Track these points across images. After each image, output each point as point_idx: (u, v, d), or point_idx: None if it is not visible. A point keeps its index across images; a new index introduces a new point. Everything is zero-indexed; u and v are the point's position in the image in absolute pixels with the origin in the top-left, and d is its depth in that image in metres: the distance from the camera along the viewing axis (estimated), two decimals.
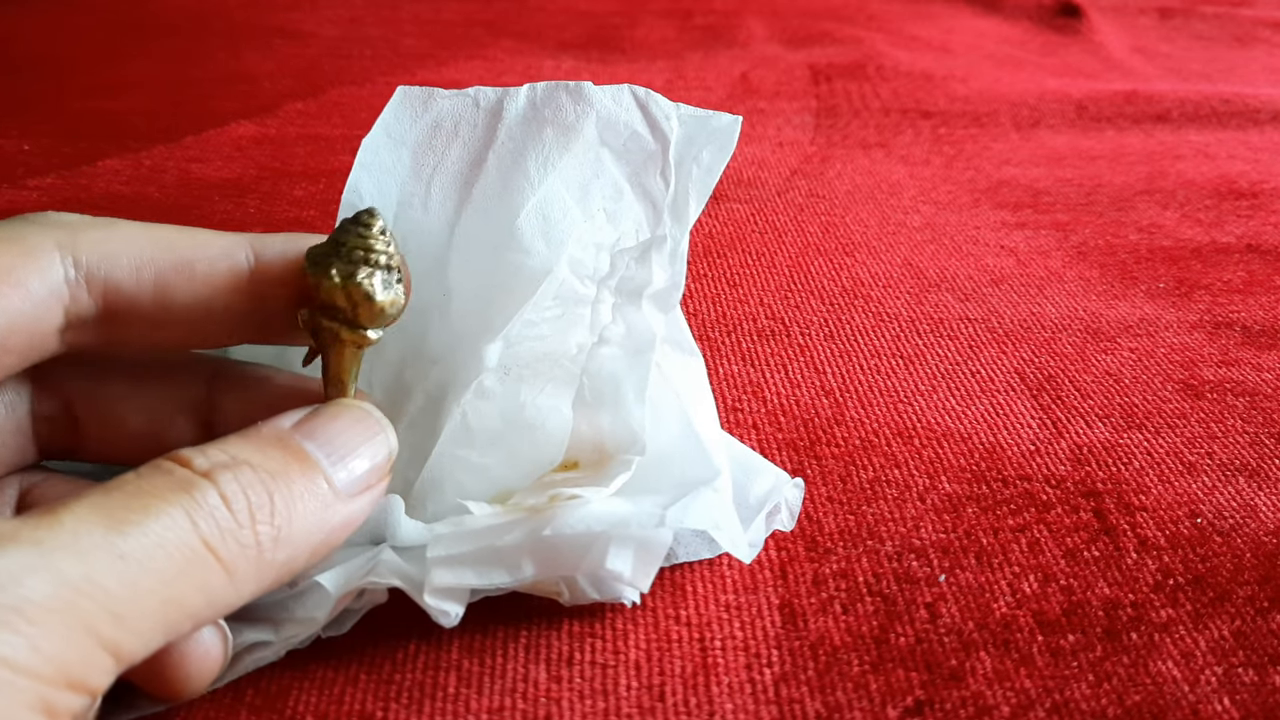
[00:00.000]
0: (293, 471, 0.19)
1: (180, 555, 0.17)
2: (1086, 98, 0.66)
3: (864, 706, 0.23)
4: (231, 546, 0.18)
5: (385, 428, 0.22)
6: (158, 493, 0.18)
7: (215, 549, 0.18)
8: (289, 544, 0.19)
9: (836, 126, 0.62)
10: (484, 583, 0.23)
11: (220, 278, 0.22)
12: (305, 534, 0.19)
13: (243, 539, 0.18)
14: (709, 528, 0.24)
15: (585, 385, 0.25)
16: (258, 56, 0.73)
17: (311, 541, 0.19)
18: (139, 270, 0.21)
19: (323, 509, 0.20)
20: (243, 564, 0.18)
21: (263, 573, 0.18)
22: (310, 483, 0.20)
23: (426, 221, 0.26)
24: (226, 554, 0.18)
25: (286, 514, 0.19)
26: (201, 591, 0.17)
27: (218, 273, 0.22)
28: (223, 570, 0.18)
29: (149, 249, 0.21)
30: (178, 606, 0.17)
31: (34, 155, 0.54)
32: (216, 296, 0.22)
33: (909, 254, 0.45)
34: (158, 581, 0.17)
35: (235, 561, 0.18)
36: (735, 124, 0.27)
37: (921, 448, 0.31)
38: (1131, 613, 0.25)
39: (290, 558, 0.19)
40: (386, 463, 0.22)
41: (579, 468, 0.25)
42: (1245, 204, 0.50)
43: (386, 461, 0.22)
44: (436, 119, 0.26)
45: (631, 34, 0.82)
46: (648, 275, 0.26)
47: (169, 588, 0.17)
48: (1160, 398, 0.34)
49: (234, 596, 0.18)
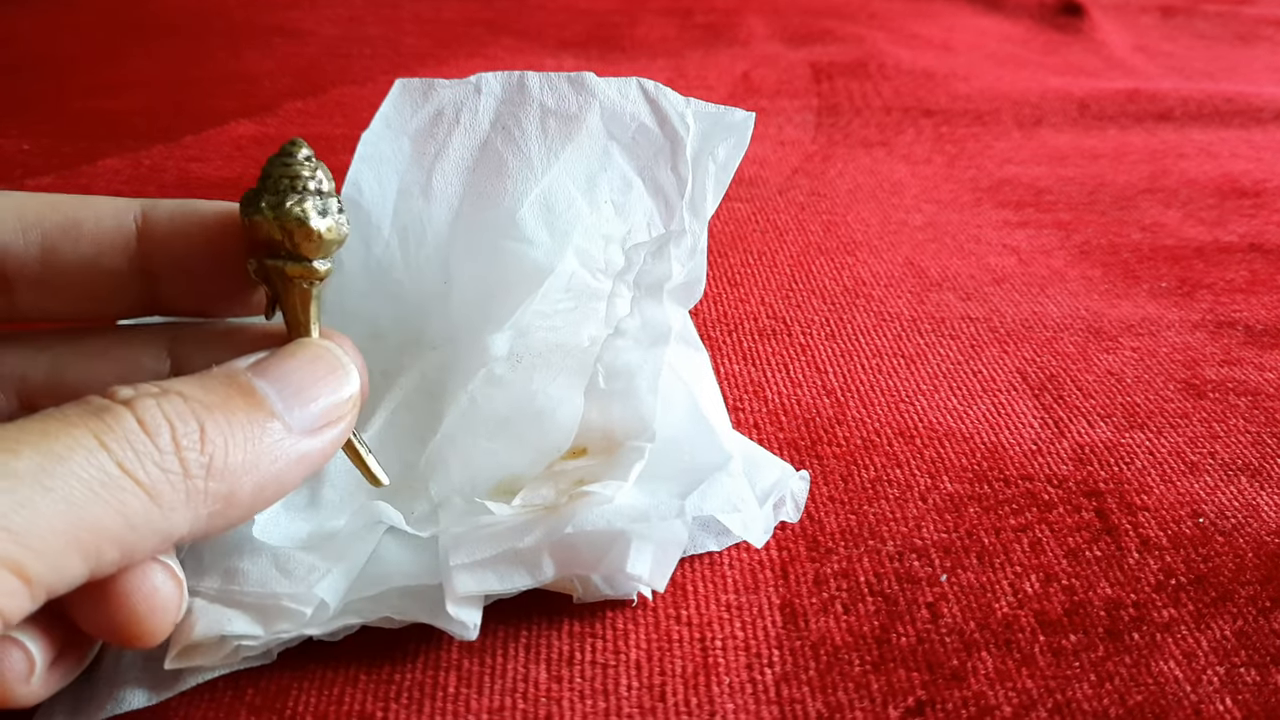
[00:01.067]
0: (234, 405, 0.19)
1: (88, 476, 0.17)
2: (1089, 96, 0.65)
3: (865, 706, 0.22)
4: (151, 470, 0.18)
5: (346, 365, 0.22)
6: (66, 419, 0.17)
7: (131, 472, 0.17)
8: (226, 475, 0.19)
9: (838, 125, 0.62)
10: (505, 586, 0.23)
11: (106, 236, 0.22)
12: (246, 466, 0.19)
13: (165, 464, 0.18)
14: (728, 511, 0.24)
15: (599, 374, 0.25)
16: (258, 56, 0.73)
17: (258, 475, 0.19)
18: (25, 232, 0.21)
19: (271, 444, 0.19)
20: (167, 490, 0.18)
21: (195, 500, 0.18)
22: (254, 416, 0.19)
23: (427, 209, 0.26)
24: (146, 478, 0.17)
25: (222, 444, 0.19)
26: (119, 514, 0.17)
27: (104, 231, 0.22)
28: (143, 494, 0.17)
29: (36, 210, 0.22)
30: (92, 530, 0.17)
31: (34, 155, 0.54)
32: (104, 256, 0.22)
33: (911, 253, 0.44)
34: (62, 502, 0.16)
35: (158, 486, 0.18)
36: (749, 119, 0.27)
37: (923, 447, 0.31)
38: (1133, 612, 0.25)
39: (231, 489, 0.19)
40: (348, 401, 0.21)
41: (588, 454, 0.25)
42: (1248, 203, 0.50)
43: (348, 400, 0.21)
44: (438, 108, 0.26)
45: (632, 32, 0.82)
46: (666, 270, 0.26)
47: (77, 509, 0.17)
48: (1162, 397, 0.34)
49: (163, 522, 0.18)
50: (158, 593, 0.20)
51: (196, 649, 0.22)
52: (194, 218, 0.23)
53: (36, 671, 0.20)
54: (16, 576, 0.16)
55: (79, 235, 0.22)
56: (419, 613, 0.23)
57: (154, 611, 0.20)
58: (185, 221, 0.23)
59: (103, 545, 0.17)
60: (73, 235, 0.22)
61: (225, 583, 0.22)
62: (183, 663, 0.22)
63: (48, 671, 0.20)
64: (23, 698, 0.20)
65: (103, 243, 0.22)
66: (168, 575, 0.20)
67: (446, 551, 0.23)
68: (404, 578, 0.23)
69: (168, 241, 0.23)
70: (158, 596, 0.20)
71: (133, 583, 0.20)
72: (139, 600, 0.20)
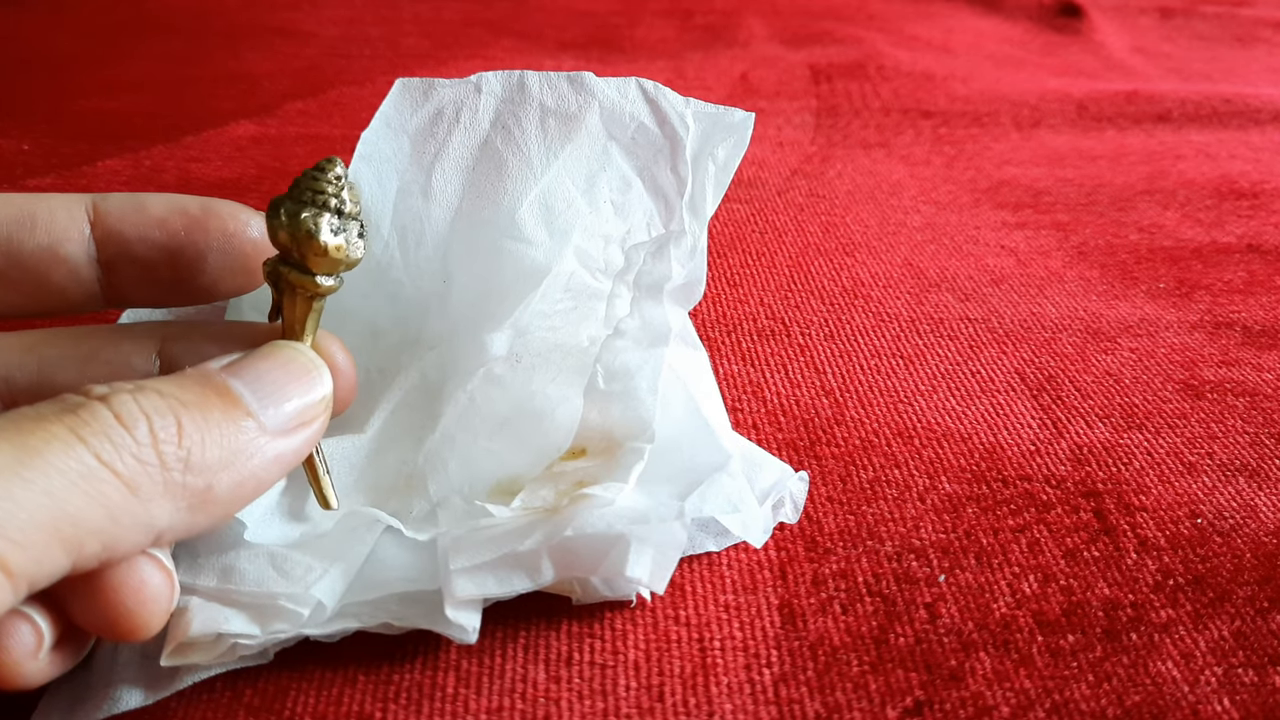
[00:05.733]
0: (210, 403, 0.20)
1: (66, 468, 0.17)
2: (1087, 97, 0.65)
3: (863, 707, 0.22)
4: (129, 462, 0.18)
5: (319, 367, 0.22)
6: (40, 415, 0.18)
7: (109, 464, 0.17)
8: (204, 470, 0.19)
9: (837, 126, 0.62)
10: (504, 590, 0.23)
11: (60, 226, 0.23)
12: (224, 462, 0.19)
13: (143, 456, 0.18)
14: (727, 511, 0.24)
15: (598, 374, 0.25)
16: (258, 56, 0.73)
17: (235, 472, 0.19)
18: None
19: (246, 441, 0.20)
20: (145, 482, 0.18)
21: (173, 493, 0.18)
22: (230, 414, 0.20)
23: (427, 209, 0.26)
24: (124, 470, 0.18)
25: (199, 439, 0.19)
26: (99, 506, 0.17)
27: (57, 222, 0.23)
28: (122, 485, 0.18)
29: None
30: (72, 522, 0.17)
31: (34, 155, 0.54)
32: (59, 245, 0.23)
33: (909, 254, 0.44)
34: (41, 494, 0.17)
35: (136, 479, 0.18)
36: (749, 120, 0.27)
37: (921, 448, 0.31)
38: (1131, 613, 0.25)
39: (208, 484, 0.19)
40: (320, 402, 0.22)
41: (586, 454, 0.25)
42: (1246, 204, 0.50)
43: (320, 401, 0.22)
44: (438, 107, 0.26)
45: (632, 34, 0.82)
46: (666, 270, 0.26)
47: (56, 501, 0.17)
48: (1160, 398, 0.34)
49: (143, 514, 0.18)
50: (146, 585, 0.20)
51: (192, 647, 0.22)
52: (142, 210, 0.24)
53: (44, 648, 0.20)
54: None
55: (34, 225, 0.23)
56: (418, 618, 0.23)
57: (143, 604, 0.20)
58: (134, 213, 0.24)
59: (83, 537, 0.17)
60: (28, 226, 0.23)
61: (222, 581, 0.22)
62: (178, 660, 0.22)
63: (53, 652, 0.20)
64: (30, 675, 0.20)
65: (57, 233, 0.23)
66: (156, 568, 0.20)
67: (446, 555, 0.23)
68: (403, 582, 0.23)
69: (118, 231, 0.24)
70: (146, 589, 0.20)
71: (121, 576, 0.20)
72: (128, 593, 0.20)
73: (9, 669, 0.19)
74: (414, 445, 0.25)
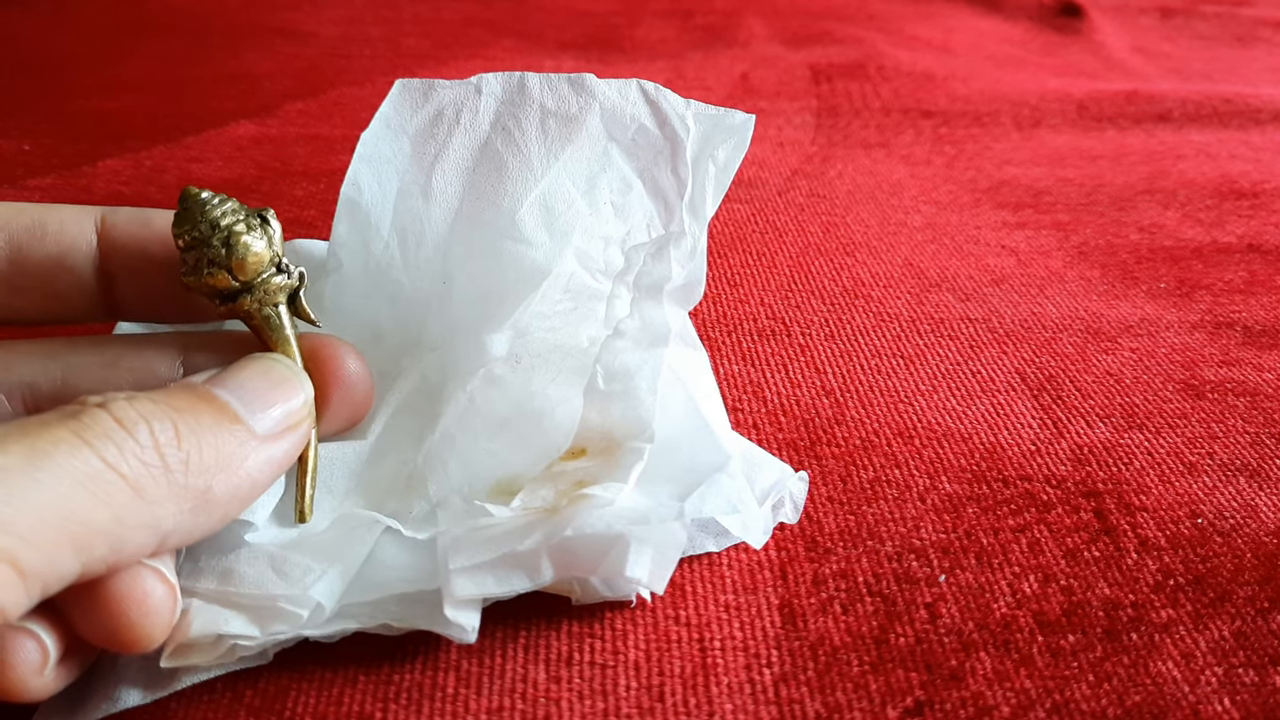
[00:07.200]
0: (200, 409, 0.20)
1: (74, 470, 0.17)
2: (1087, 97, 0.65)
3: (864, 707, 0.22)
4: (134, 464, 0.18)
5: (297, 374, 0.23)
6: (44, 422, 0.18)
7: (115, 466, 0.18)
8: (203, 472, 0.19)
9: (837, 126, 0.62)
10: (504, 590, 0.23)
11: (69, 237, 0.24)
12: (220, 464, 0.20)
13: (146, 458, 0.18)
14: (727, 512, 0.24)
15: (598, 375, 0.25)
16: (258, 56, 0.73)
17: (231, 475, 0.20)
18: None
19: (239, 445, 0.20)
20: (150, 483, 0.18)
21: (176, 494, 0.19)
22: (220, 419, 0.20)
23: (427, 210, 0.26)
24: (130, 471, 0.18)
25: (196, 442, 0.19)
26: (107, 508, 0.18)
27: (67, 233, 0.24)
28: (128, 487, 0.18)
29: (3, 214, 0.23)
30: (81, 522, 0.17)
31: (34, 155, 0.54)
32: (67, 257, 0.24)
33: (910, 254, 0.44)
34: (51, 495, 0.17)
35: (141, 480, 0.18)
36: (749, 121, 0.27)
37: (922, 448, 0.31)
38: (1132, 613, 0.25)
39: (208, 485, 0.19)
40: (303, 406, 0.22)
41: (586, 455, 0.25)
42: (1246, 204, 0.50)
43: (303, 405, 0.22)
44: (438, 108, 0.26)
45: (632, 34, 0.82)
46: (666, 271, 0.26)
47: (66, 502, 0.17)
48: (1161, 398, 0.34)
49: (149, 516, 0.18)
50: (149, 597, 0.20)
51: (192, 648, 0.22)
52: (147, 225, 0.25)
53: (50, 664, 0.20)
54: (11, 568, 0.16)
55: (44, 235, 0.24)
56: (417, 619, 0.23)
57: (147, 615, 0.20)
58: (139, 228, 0.24)
59: (93, 539, 0.17)
60: (38, 235, 0.23)
61: (222, 583, 0.22)
62: (178, 661, 0.22)
63: (57, 666, 0.20)
64: (34, 690, 0.20)
65: (66, 244, 0.24)
66: (159, 580, 0.21)
67: (445, 554, 0.23)
68: (402, 583, 0.23)
69: (124, 246, 0.24)
70: (150, 600, 0.20)
71: (125, 587, 0.20)
72: (131, 604, 0.20)
73: (15, 684, 0.20)
74: (414, 446, 0.25)
